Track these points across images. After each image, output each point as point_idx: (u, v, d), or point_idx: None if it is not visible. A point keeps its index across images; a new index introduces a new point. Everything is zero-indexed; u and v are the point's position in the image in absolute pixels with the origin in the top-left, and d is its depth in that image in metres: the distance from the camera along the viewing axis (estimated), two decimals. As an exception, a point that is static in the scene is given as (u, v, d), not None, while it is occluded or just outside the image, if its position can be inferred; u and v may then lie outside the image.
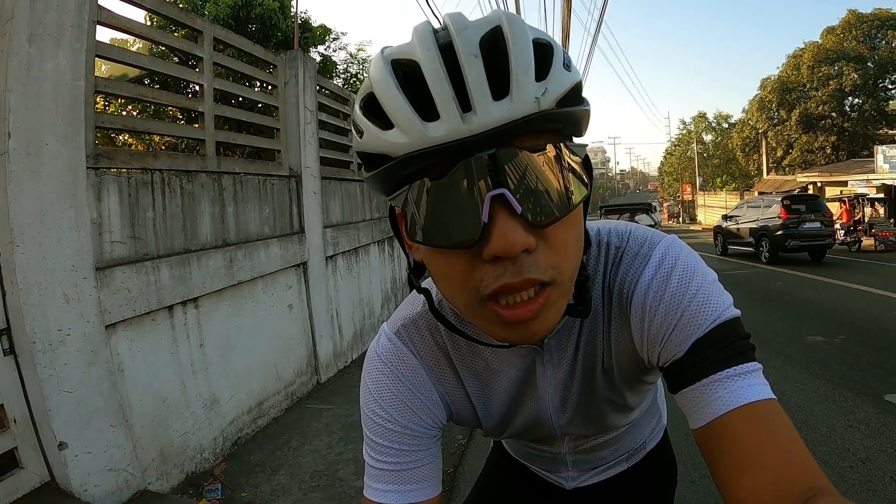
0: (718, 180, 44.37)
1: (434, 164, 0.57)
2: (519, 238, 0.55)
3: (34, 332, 2.33)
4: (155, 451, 3.00)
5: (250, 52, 4.48)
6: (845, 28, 30.11)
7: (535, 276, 0.58)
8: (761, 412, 0.64)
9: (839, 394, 4.32)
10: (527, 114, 0.55)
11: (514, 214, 0.55)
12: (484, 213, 0.55)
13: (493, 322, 0.62)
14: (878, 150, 21.00)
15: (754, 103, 34.11)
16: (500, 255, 0.56)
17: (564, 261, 0.61)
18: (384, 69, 0.59)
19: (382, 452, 0.81)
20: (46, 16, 2.44)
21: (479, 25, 0.57)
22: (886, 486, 2.95)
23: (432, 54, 0.56)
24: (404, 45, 0.60)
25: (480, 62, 0.55)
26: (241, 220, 4.01)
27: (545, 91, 0.56)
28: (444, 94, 0.54)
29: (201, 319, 3.46)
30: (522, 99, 0.54)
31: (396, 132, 0.57)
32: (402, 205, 0.61)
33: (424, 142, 0.55)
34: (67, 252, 2.50)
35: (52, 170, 2.46)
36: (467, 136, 0.54)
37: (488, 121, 0.54)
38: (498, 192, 0.54)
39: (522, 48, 0.56)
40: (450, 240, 0.58)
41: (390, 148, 0.58)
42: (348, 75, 12.50)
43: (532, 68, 0.56)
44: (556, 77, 0.58)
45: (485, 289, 0.59)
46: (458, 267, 0.60)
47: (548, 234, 0.58)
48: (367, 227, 6.63)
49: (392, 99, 0.58)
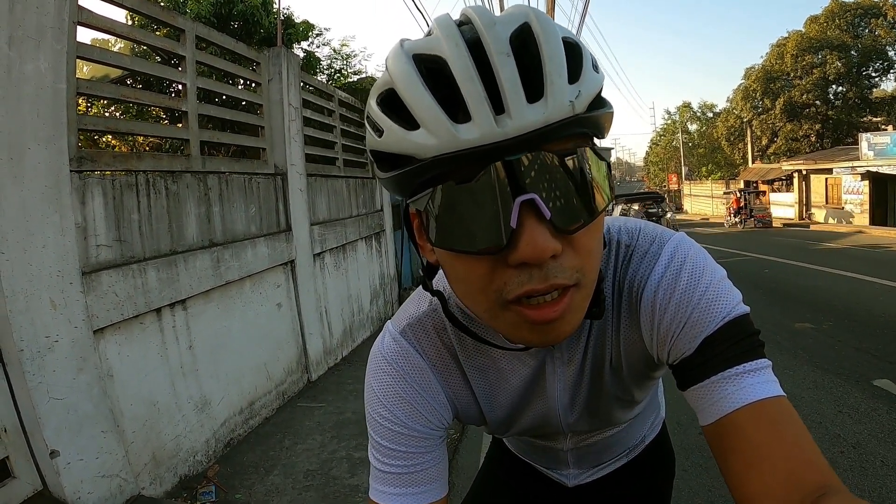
0: (704, 169, 44.58)
1: (461, 166, 0.55)
2: (548, 244, 0.54)
3: (21, 340, 2.31)
4: (147, 456, 2.98)
5: (233, 50, 4.44)
6: (829, 17, 30.22)
7: (560, 281, 0.57)
8: (771, 409, 0.64)
9: (828, 380, 4.37)
10: (562, 118, 0.53)
11: (543, 220, 0.54)
12: (513, 218, 0.54)
13: (517, 325, 0.61)
14: (863, 137, 21.13)
15: (739, 92, 34.23)
16: (529, 261, 0.55)
17: (588, 264, 0.60)
18: (407, 64, 0.56)
19: (389, 455, 0.80)
20: (26, 17, 2.40)
21: (506, 21, 0.55)
22: (878, 470, 2.99)
23: (461, 51, 0.54)
24: (426, 39, 0.58)
25: (513, 61, 0.53)
26: (227, 220, 3.98)
27: (578, 94, 0.55)
28: (476, 94, 0.52)
29: (190, 321, 3.44)
30: (558, 102, 0.53)
31: (423, 133, 0.55)
32: (424, 206, 0.59)
33: (455, 144, 0.53)
34: (53, 257, 2.47)
35: (35, 174, 2.42)
36: (501, 139, 0.52)
37: (523, 124, 0.52)
38: (528, 197, 0.53)
39: (555, 48, 0.55)
40: (475, 245, 0.57)
41: (416, 150, 0.56)
42: (332, 71, 12.42)
43: (565, 70, 0.55)
44: (588, 79, 0.57)
45: (508, 293, 0.58)
46: (480, 272, 0.59)
47: (573, 238, 0.58)
48: (355, 224, 6.61)
49: (418, 97, 0.55)
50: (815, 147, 30.35)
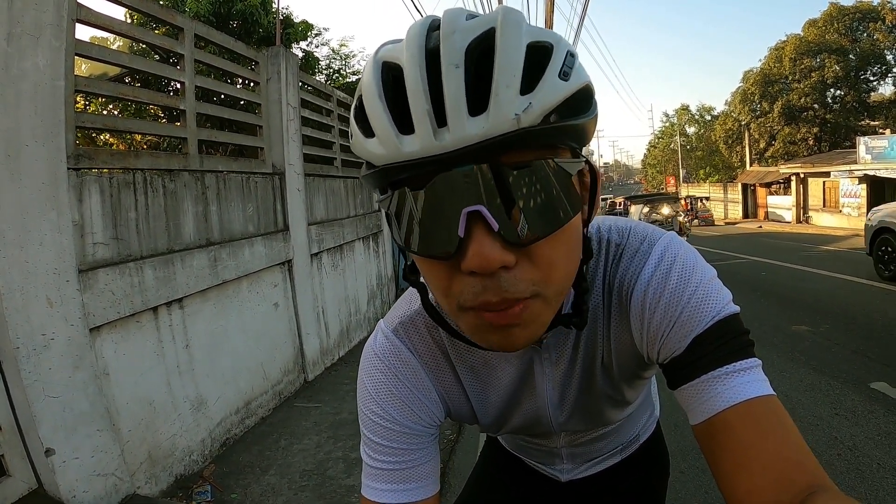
0: (702, 172, 44.66)
1: (416, 174, 0.55)
2: (495, 255, 0.54)
3: (17, 337, 2.30)
4: (143, 455, 2.97)
5: (232, 49, 4.44)
6: (827, 20, 30.30)
7: (513, 294, 0.56)
8: (760, 409, 0.64)
9: (825, 382, 4.37)
10: (503, 132, 0.51)
11: (492, 231, 0.54)
12: (460, 228, 0.53)
13: (478, 327, 0.61)
14: (861, 140, 21.22)
15: (737, 95, 34.31)
16: (477, 271, 0.55)
17: (549, 277, 0.59)
18: (371, 73, 0.57)
19: (381, 452, 0.81)
20: (25, 14, 2.39)
21: (471, 28, 0.54)
22: (874, 473, 2.98)
23: (415, 61, 0.53)
24: (396, 45, 0.58)
25: (461, 73, 0.52)
26: (224, 219, 3.97)
27: (528, 106, 0.52)
28: (419, 107, 0.52)
29: (186, 320, 3.43)
30: (500, 115, 0.51)
31: (376, 142, 0.56)
32: (387, 208, 0.60)
33: (398, 156, 0.54)
34: (49, 255, 2.47)
35: (33, 172, 2.42)
36: (439, 153, 0.52)
37: (461, 137, 0.51)
38: (474, 208, 0.53)
39: (510, 56, 0.53)
40: (428, 250, 0.57)
41: (371, 157, 0.58)
42: (331, 71, 12.44)
43: (517, 80, 0.52)
44: (547, 88, 0.54)
45: (465, 302, 0.58)
46: (440, 275, 0.60)
47: (531, 250, 0.57)
48: (352, 224, 6.60)
49: (373, 107, 0.56)
50: (812, 150, 30.42)
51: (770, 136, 32.71)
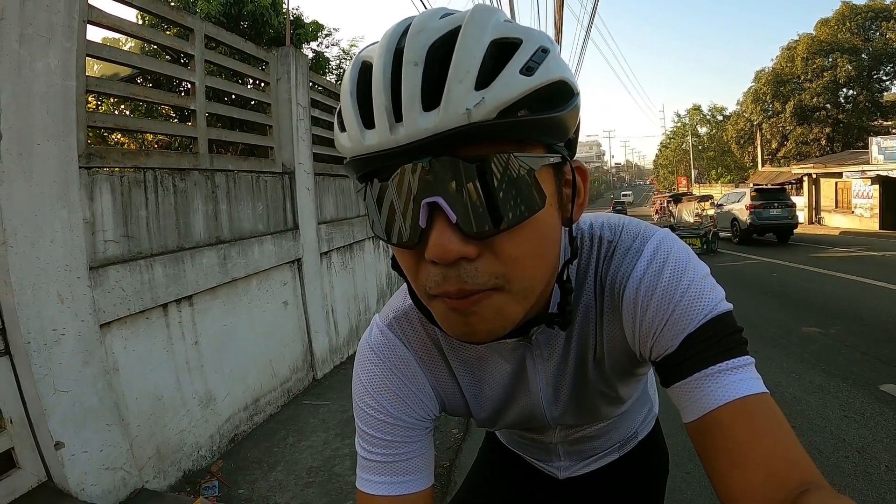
0: (714, 172, 44.46)
1: (383, 167, 0.58)
2: (453, 247, 0.55)
3: (29, 332, 2.33)
4: (151, 450, 3.00)
5: (242, 49, 4.47)
6: (839, 20, 30.10)
7: (472, 286, 0.57)
8: (753, 407, 0.64)
9: (834, 384, 4.35)
10: (454, 126, 0.52)
11: (451, 223, 0.55)
12: (422, 218, 0.55)
13: (444, 315, 0.63)
14: (873, 141, 21.01)
15: (749, 95, 34.13)
16: (436, 260, 0.56)
17: (515, 272, 0.59)
18: (349, 72, 0.61)
19: (375, 444, 0.82)
20: (36, 16, 2.42)
21: (438, 28, 0.56)
22: (882, 475, 2.97)
23: (382, 60, 0.56)
24: (374, 44, 0.60)
25: (419, 70, 0.54)
26: (234, 218, 4.00)
27: (480, 101, 0.53)
28: (379, 103, 0.55)
29: (196, 317, 3.46)
30: (451, 110, 0.52)
31: (346, 136, 0.60)
32: (364, 198, 0.63)
33: (361, 149, 0.57)
34: (61, 252, 2.50)
35: (45, 170, 2.45)
36: (393, 146, 0.54)
37: (414, 132, 0.53)
38: (432, 199, 0.55)
39: (467, 53, 0.54)
40: (394, 239, 0.59)
41: (342, 150, 0.61)
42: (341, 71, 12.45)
43: (472, 76, 0.53)
44: (503, 84, 0.54)
45: (430, 290, 0.60)
46: (409, 262, 0.62)
47: (493, 243, 0.58)
48: (362, 223, 6.61)
49: (346, 104, 0.59)
50: (825, 151, 30.19)
51: (782, 137, 32.53)
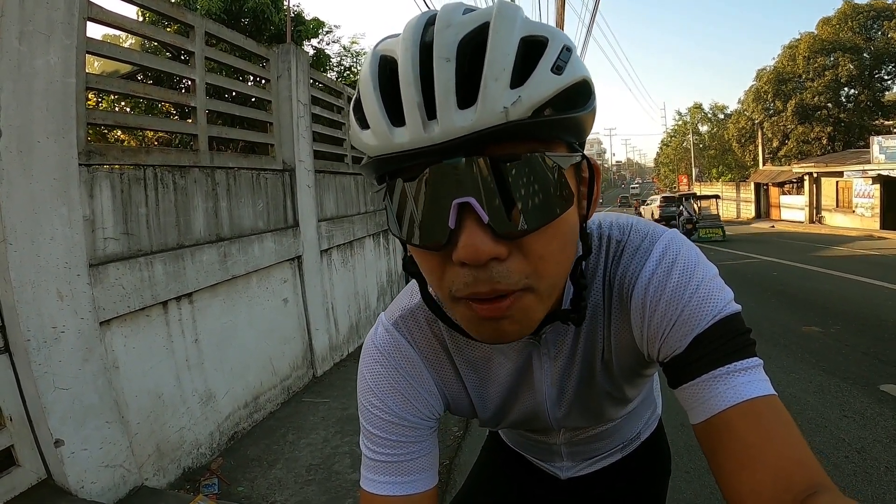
0: (714, 171, 44.39)
1: (409, 165, 0.56)
2: (485, 247, 0.54)
3: (28, 330, 2.33)
4: (151, 447, 3.00)
5: (242, 47, 4.46)
6: (841, 19, 30.02)
7: (505, 287, 0.57)
8: (761, 408, 0.63)
9: (834, 384, 4.34)
10: (491, 125, 0.52)
11: (482, 223, 0.54)
12: (451, 219, 0.54)
13: (470, 319, 0.62)
14: (874, 140, 20.98)
15: (750, 94, 34.06)
16: (467, 262, 0.55)
17: (542, 270, 0.59)
18: (369, 66, 0.58)
19: (379, 444, 0.81)
20: (36, 13, 2.42)
21: (465, 23, 0.55)
22: (882, 476, 2.96)
23: (409, 55, 0.54)
24: (394, 38, 0.59)
25: (452, 67, 0.53)
26: (234, 215, 4.00)
27: (517, 100, 0.52)
28: (410, 99, 0.53)
29: (196, 315, 3.46)
30: (488, 108, 0.52)
31: (370, 134, 0.57)
32: (383, 198, 0.61)
33: (390, 147, 0.55)
34: (60, 249, 2.50)
35: (44, 167, 2.45)
36: (427, 145, 0.53)
37: (449, 130, 0.52)
38: (464, 200, 0.53)
39: (501, 50, 0.53)
40: (420, 240, 0.58)
41: (365, 148, 0.59)
42: (342, 68, 12.45)
43: (507, 74, 0.53)
44: (537, 83, 0.54)
45: (457, 292, 0.59)
46: (433, 265, 0.61)
47: (523, 243, 0.57)
48: (362, 221, 6.62)
49: (369, 100, 0.57)
50: (826, 150, 30.16)
51: (783, 135, 32.48)
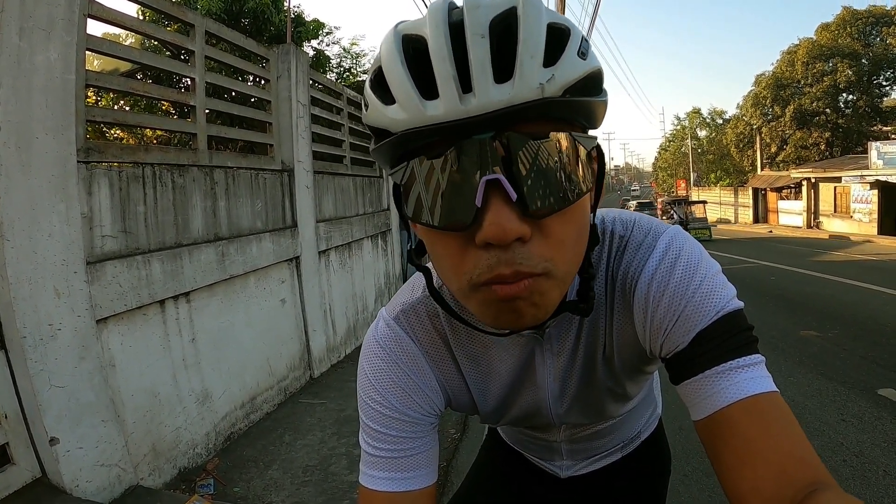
0: (713, 176, 44.44)
1: (433, 143, 0.56)
2: (512, 226, 0.54)
3: (24, 327, 2.32)
4: (147, 447, 2.99)
5: (242, 46, 4.45)
6: (840, 25, 30.13)
7: (527, 268, 0.56)
8: (763, 405, 0.63)
9: (832, 388, 4.35)
10: (529, 99, 0.53)
11: (509, 201, 0.54)
12: (478, 197, 0.54)
13: (487, 304, 0.60)
14: (872, 146, 21.06)
15: (748, 99, 34.15)
16: (492, 241, 0.54)
17: (560, 255, 0.59)
18: (393, 44, 0.58)
19: (379, 439, 0.80)
20: (37, 9, 2.41)
21: (494, 5, 0.55)
22: (880, 479, 2.97)
23: (440, 31, 0.54)
24: (417, 20, 0.59)
25: (487, 42, 0.53)
26: (232, 215, 3.99)
27: (551, 77, 0.54)
28: (444, 72, 0.53)
29: (193, 314, 3.45)
30: (525, 84, 0.52)
31: (397, 108, 0.57)
32: (401, 180, 0.61)
33: (421, 120, 0.54)
34: (58, 246, 2.49)
35: (43, 164, 2.44)
36: (463, 117, 0.53)
37: (486, 103, 0.52)
38: (493, 177, 0.53)
39: (533, 31, 0.54)
40: (442, 221, 0.57)
41: (390, 123, 0.58)
42: (341, 70, 12.48)
43: (541, 53, 0.54)
44: (567, 64, 0.55)
45: (478, 277, 0.58)
46: (451, 249, 0.60)
47: (544, 225, 0.57)
48: (361, 222, 6.61)
49: (396, 74, 0.57)
50: (824, 155, 30.21)
51: (781, 141, 32.55)
